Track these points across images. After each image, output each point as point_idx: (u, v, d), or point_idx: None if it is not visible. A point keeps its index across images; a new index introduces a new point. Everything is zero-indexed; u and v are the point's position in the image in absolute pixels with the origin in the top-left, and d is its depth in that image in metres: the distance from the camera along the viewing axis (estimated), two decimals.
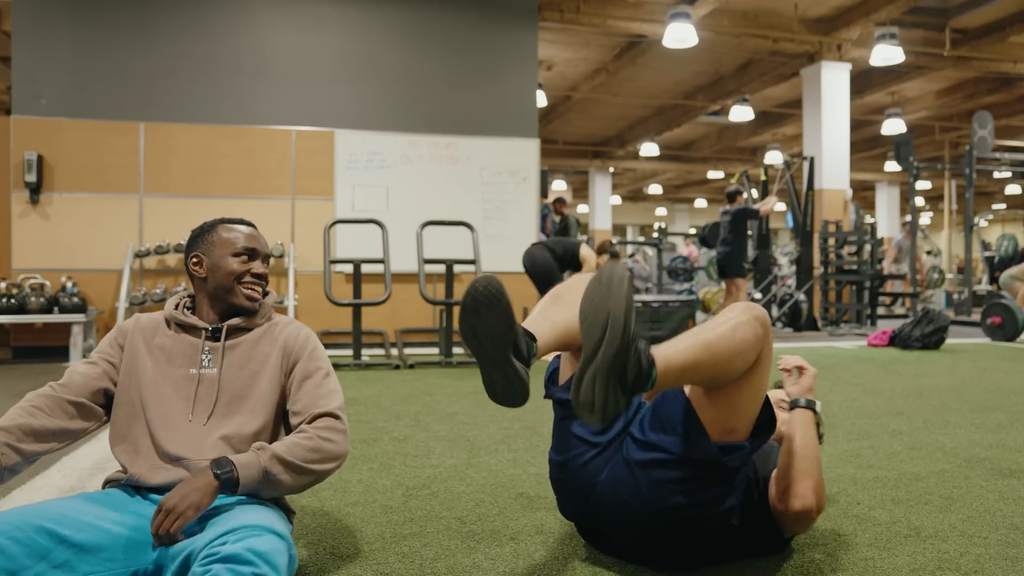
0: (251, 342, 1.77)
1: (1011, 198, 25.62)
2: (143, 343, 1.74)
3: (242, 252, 1.78)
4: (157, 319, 1.80)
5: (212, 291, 1.77)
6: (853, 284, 9.78)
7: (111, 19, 6.62)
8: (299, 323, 1.86)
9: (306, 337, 1.81)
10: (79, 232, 6.49)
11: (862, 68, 11.20)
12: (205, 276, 1.77)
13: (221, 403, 1.69)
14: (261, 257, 1.82)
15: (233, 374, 1.73)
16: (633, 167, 19.96)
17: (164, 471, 1.61)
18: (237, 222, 1.84)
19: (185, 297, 1.85)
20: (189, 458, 1.61)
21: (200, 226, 1.84)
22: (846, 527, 2.09)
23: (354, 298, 5.71)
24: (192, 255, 1.79)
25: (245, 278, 1.77)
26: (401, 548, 1.92)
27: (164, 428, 1.65)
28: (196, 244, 1.81)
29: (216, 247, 1.78)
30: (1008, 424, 3.55)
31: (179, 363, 1.72)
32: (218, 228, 1.82)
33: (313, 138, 7.05)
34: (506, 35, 7.63)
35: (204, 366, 1.73)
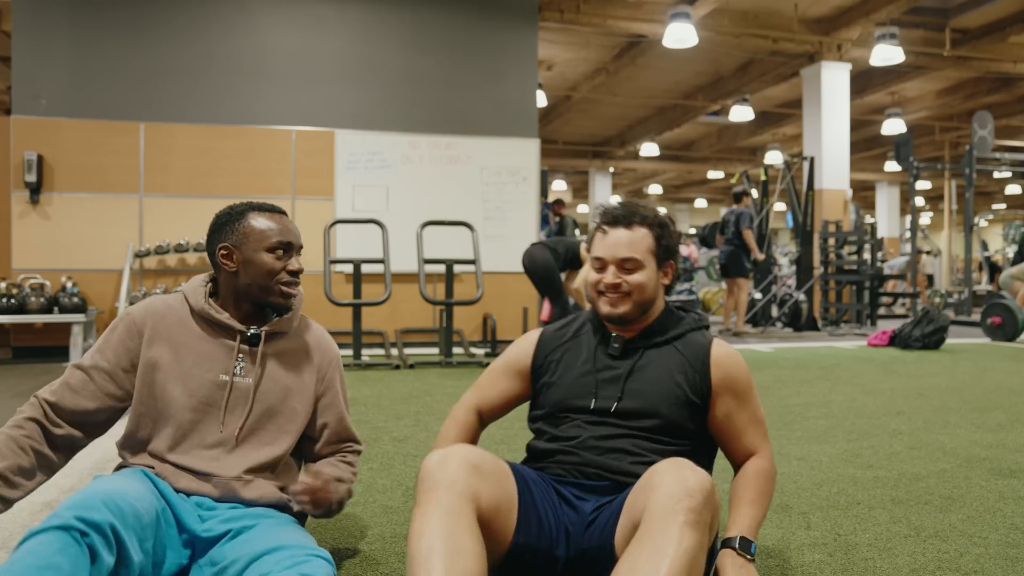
0: (287, 353, 1.68)
1: (1011, 198, 25.61)
2: (165, 340, 1.61)
3: (277, 247, 1.63)
4: (178, 309, 1.65)
5: (244, 288, 1.63)
6: (853, 284, 9.78)
7: (111, 19, 6.62)
8: (330, 338, 1.80)
9: (337, 360, 1.78)
10: (79, 232, 6.49)
11: (862, 68, 11.20)
12: (236, 270, 1.63)
13: (253, 417, 1.61)
14: (296, 250, 1.67)
15: (268, 387, 1.63)
16: (633, 167, 19.96)
17: (188, 479, 1.54)
18: (268, 208, 1.68)
19: (209, 283, 1.70)
20: (214, 473, 1.54)
21: (227, 211, 1.67)
22: (846, 527, 2.09)
23: (354, 298, 5.71)
24: (221, 246, 1.63)
25: (283, 277, 1.64)
26: (401, 548, 1.92)
27: (190, 438, 1.57)
28: (224, 233, 1.64)
29: (249, 240, 1.62)
30: (1008, 424, 3.55)
31: (208, 366, 1.60)
32: (248, 216, 1.64)
33: (313, 138, 7.05)
34: (506, 35, 7.63)
35: (237, 374, 1.61)
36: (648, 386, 1.61)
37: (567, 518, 1.51)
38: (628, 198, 1.75)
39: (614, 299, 1.62)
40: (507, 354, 1.80)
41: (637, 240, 1.62)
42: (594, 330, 1.72)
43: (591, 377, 1.63)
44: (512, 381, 1.76)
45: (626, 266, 1.61)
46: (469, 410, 1.75)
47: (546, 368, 1.71)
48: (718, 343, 1.67)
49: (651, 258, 1.63)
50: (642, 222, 1.63)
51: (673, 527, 1.23)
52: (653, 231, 1.64)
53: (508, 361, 1.78)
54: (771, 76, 11.26)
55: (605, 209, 1.67)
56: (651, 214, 1.65)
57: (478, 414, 1.76)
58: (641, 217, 1.63)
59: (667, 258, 1.66)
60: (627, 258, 1.61)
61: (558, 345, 1.72)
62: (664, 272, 1.67)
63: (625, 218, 1.63)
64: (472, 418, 1.74)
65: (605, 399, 1.61)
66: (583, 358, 1.67)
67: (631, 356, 1.65)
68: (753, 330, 8.84)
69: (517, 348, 1.79)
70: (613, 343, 1.66)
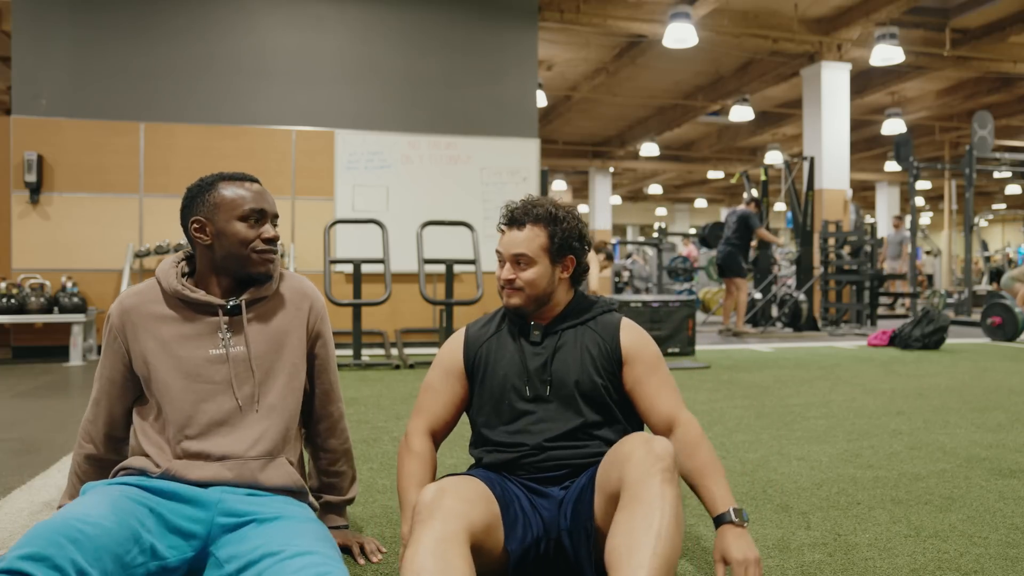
0: (271, 311, 1.66)
1: (1011, 198, 25.61)
2: (145, 330, 1.58)
3: (250, 215, 1.60)
4: (149, 295, 1.61)
5: (221, 260, 1.60)
6: (853, 284, 9.78)
7: (111, 19, 6.62)
8: (310, 285, 1.78)
9: (323, 310, 1.78)
10: (79, 232, 6.49)
11: (862, 68, 11.20)
12: (211, 243, 1.60)
13: (259, 383, 1.61)
14: (271, 218, 1.64)
15: (261, 351, 1.62)
16: (633, 167, 19.96)
17: (200, 469, 1.52)
18: (239, 177, 1.64)
19: (182, 261, 1.67)
20: (229, 455, 1.54)
21: (197, 183, 1.64)
22: (846, 527, 2.09)
23: (354, 298, 5.71)
24: (193, 219, 1.60)
25: (258, 245, 1.60)
26: (401, 548, 1.92)
27: (198, 419, 1.55)
28: (195, 206, 1.61)
29: (220, 210, 1.59)
30: (1008, 424, 3.55)
31: (195, 345, 1.58)
32: (219, 186, 1.61)
33: (313, 138, 7.05)
34: (506, 35, 7.62)
35: (228, 345, 1.59)
36: (571, 362, 1.73)
37: (539, 507, 1.63)
38: (532, 197, 1.79)
39: (509, 292, 1.74)
40: (438, 362, 1.84)
41: (529, 239, 1.72)
42: (513, 321, 1.81)
43: (521, 365, 1.74)
44: (452, 385, 1.81)
45: (519, 262, 1.72)
46: (421, 437, 1.78)
47: (478, 364, 1.78)
48: (626, 320, 1.82)
49: (543, 255, 1.72)
50: (535, 221, 1.72)
51: (655, 487, 1.41)
52: (547, 229, 1.72)
53: (442, 367, 1.83)
54: (771, 76, 11.26)
55: (506, 209, 1.76)
56: (545, 213, 1.73)
57: (430, 437, 1.80)
58: (534, 216, 1.72)
59: (564, 253, 1.74)
60: (519, 254, 1.72)
61: (484, 341, 1.80)
62: (563, 266, 1.76)
63: (519, 219, 1.73)
64: (427, 445, 1.78)
65: (537, 383, 1.73)
66: (510, 349, 1.77)
67: (552, 338, 1.76)
68: (753, 330, 8.84)
69: (446, 352, 1.84)
70: (533, 331, 1.77)
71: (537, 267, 1.72)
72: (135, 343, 1.59)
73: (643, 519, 1.37)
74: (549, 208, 1.74)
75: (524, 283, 1.72)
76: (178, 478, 1.51)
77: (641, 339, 1.79)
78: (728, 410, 3.91)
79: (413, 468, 1.73)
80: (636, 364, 1.75)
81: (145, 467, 1.53)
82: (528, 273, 1.72)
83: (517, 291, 1.73)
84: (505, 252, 1.74)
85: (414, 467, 1.73)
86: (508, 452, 1.70)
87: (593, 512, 1.55)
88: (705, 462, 1.62)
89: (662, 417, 1.72)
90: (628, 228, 30.78)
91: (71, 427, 3.47)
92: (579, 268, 1.79)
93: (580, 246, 1.77)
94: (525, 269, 1.72)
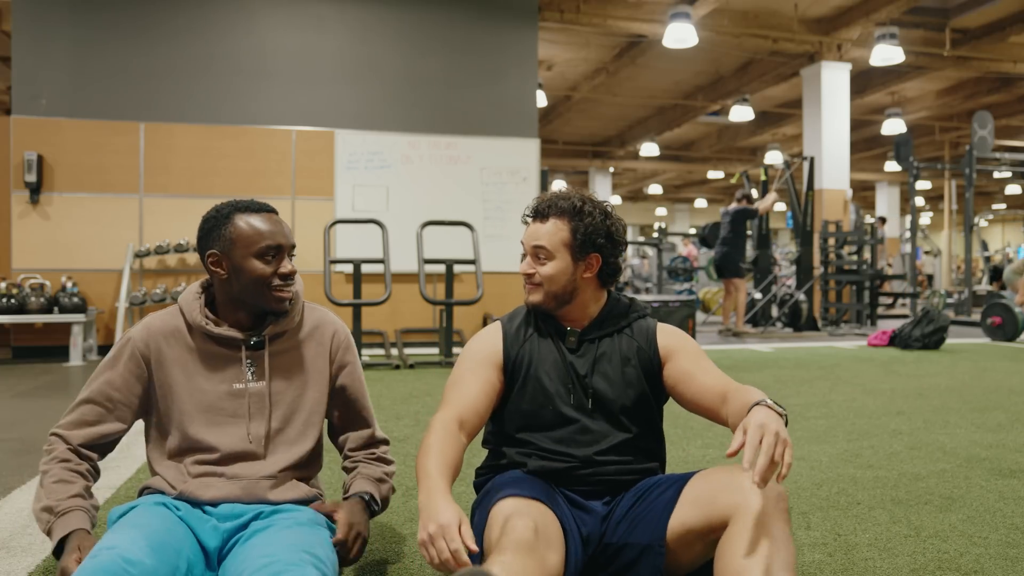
0: (294, 347, 1.66)
1: (1011, 198, 25.62)
2: (170, 359, 1.60)
3: (266, 251, 1.57)
4: (174, 325, 1.62)
5: (238, 294, 1.59)
6: (853, 284, 9.78)
7: (111, 19, 6.62)
8: (333, 317, 1.76)
9: (347, 340, 1.74)
10: (79, 232, 6.49)
11: (862, 68, 11.20)
12: (228, 277, 1.59)
13: (275, 421, 1.61)
14: (287, 251, 1.62)
15: (282, 387, 1.63)
16: (633, 167, 19.96)
17: (215, 489, 1.54)
18: (255, 208, 1.61)
19: (202, 293, 1.66)
20: (242, 476, 1.56)
21: (213, 213, 1.61)
22: (846, 527, 2.09)
23: (354, 298, 5.71)
24: (209, 253, 1.59)
25: (274, 282, 1.59)
26: (401, 548, 1.92)
27: (216, 451, 1.57)
28: (211, 239, 1.59)
29: (236, 245, 1.57)
30: (1008, 424, 3.55)
31: (219, 379, 1.60)
32: (234, 219, 1.58)
33: (313, 138, 7.05)
34: (506, 35, 7.62)
35: (249, 379, 1.60)
36: (612, 375, 1.65)
37: (580, 521, 1.55)
38: (564, 190, 1.71)
39: (529, 288, 1.67)
40: (469, 355, 1.69)
41: (551, 232, 1.64)
42: (546, 323, 1.71)
43: (565, 372, 1.65)
44: (489, 374, 1.65)
45: (539, 255, 1.64)
46: (448, 423, 1.54)
47: (519, 363, 1.67)
48: (662, 324, 1.74)
49: (564, 250, 1.63)
50: (559, 214, 1.64)
51: (780, 524, 1.39)
52: (570, 223, 1.64)
53: (475, 359, 1.67)
54: (771, 76, 11.26)
55: (533, 202, 1.69)
56: (569, 206, 1.64)
57: (461, 427, 1.55)
58: (558, 210, 1.64)
59: (587, 251, 1.64)
60: (539, 247, 1.64)
61: (524, 340, 1.70)
62: (587, 264, 1.65)
63: (543, 211, 1.66)
64: (453, 428, 1.53)
65: (580, 393, 1.64)
66: (552, 353, 1.67)
67: (590, 347, 1.67)
68: (753, 330, 8.84)
69: (483, 344, 1.71)
70: (569, 337, 1.68)
71: (556, 262, 1.63)
72: (159, 370, 1.60)
73: (777, 553, 1.34)
74: (575, 201, 1.65)
75: (543, 278, 1.63)
76: (192, 499, 1.53)
77: (679, 336, 1.72)
78: None
79: (434, 441, 1.47)
80: (678, 357, 1.66)
81: (163, 488, 1.57)
82: (547, 268, 1.63)
83: (536, 287, 1.65)
84: (527, 244, 1.67)
85: (435, 440, 1.47)
86: (557, 461, 1.61)
87: (666, 530, 1.47)
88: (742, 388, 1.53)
89: (716, 394, 1.57)
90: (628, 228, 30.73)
91: None
92: (606, 268, 1.68)
93: (607, 244, 1.65)
94: (544, 263, 1.63)
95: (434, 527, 1.25)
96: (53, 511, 1.47)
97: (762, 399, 1.43)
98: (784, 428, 1.37)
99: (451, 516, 1.26)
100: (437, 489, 1.34)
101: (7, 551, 1.91)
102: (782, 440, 1.34)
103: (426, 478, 1.38)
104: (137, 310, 6.56)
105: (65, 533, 1.44)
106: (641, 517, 1.52)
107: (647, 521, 1.50)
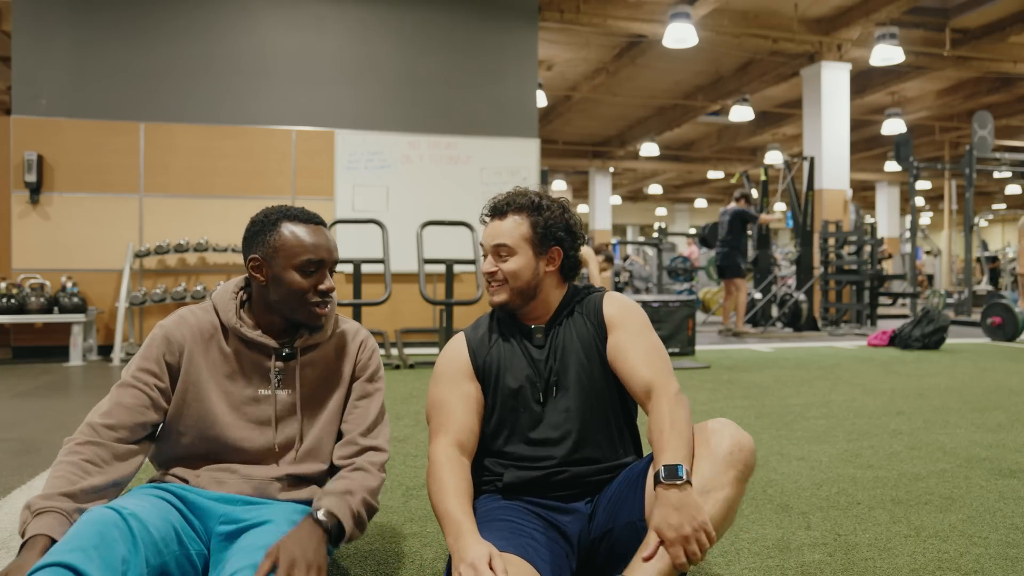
0: (324, 359, 1.63)
1: (1011, 198, 25.62)
2: (201, 355, 1.57)
3: (308, 265, 1.55)
4: (209, 323, 1.60)
5: (274, 302, 1.57)
6: (853, 284, 9.78)
7: (111, 19, 6.61)
8: (368, 334, 1.73)
9: (372, 352, 1.70)
10: (79, 232, 6.49)
11: (862, 68, 11.20)
12: (266, 284, 1.56)
13: (296, 427, 1.58)
14: (329, 267, 1.59)
15: (308, 396, 1.61)
16: (633, 167, 19.96)
17: (230, 484, 1.53)
18: (304, 220, 1.57)
19: (240, 291, 1.63)
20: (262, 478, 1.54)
21: (261, 216, 1.58)
22: (846, 527, 2.09)
23: (354, 298, 5.71)
24: (251, 257, 1.56)
25: (312, 297, 1.56)
26: (401, 548, 1.92)
27: (238, 453, 1.55)
28: (256, 243, 1.56)
29: (279, 255, 1.54)
30: (1008, 424, 3.55)
31: (246, 382, 1.58)
32: (281, 227, 1.55)
33: (313, 138, 7.05)
34: (506, 35, 7.62)
35: (276, 387, 1.58)
36: (571, 356, 1.64)
37: (562, 525, 1.54)
38: (519, 188, 1.71)
39: (494, 287, 1.65)
40: (442, 374, 1.68)
41: (511, 228, 1.64)
42: (510, 328, 1.70)
43: (531, 368, 1.64)
44: (467, 389, 1.64)
45: (500, 253, 1.64)
46: (448, 450, 1.55)
47: (488, 371, 1.66)
48: (612, 294, 1.72)
49: (525, 245, 1.63)
50: (518, 210, 1.64)
51: (728, 477, 1.40)
52: (529, 218, 1.64)
53: (449, 376, 1.66)
54: (771, 76, 11.26)
55: (491, 201, 1.68)
56: (527, 201, 1.65)
57: (462, 451, 1.57)
58: (517, 206, 1.64)
59: (548, 244, 1.65)
60: (499, 244, 1.63)
61: (490, 347, 1.68)
62: (549, 258, 1.66)
63: (501, 209, 1.66)
64: (455, 454, 1.55)
65: (550, 385, 1.63)
66: (517, 353, 1.66)
67: (552, 338, 1.67)
68: (753, 330, 8.84)
69: (451, 359, 1.69)
70: (535, 334, 1.68)
71: (518, 257, 1.62)
72: (188, 364, 1.56)
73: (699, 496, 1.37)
74: (532, 197, 1.66)
75: (507, 274, 1.63)
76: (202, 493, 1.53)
77: (624, 306, 1.68)
78: (728, 410, 3.91)
79: (444, 475, 1.49)
80: (618, 330, 1.64)
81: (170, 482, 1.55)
82: (510, 264, 1.62)
83: (501, 285, 1.64)
84: (487, 244, 1.66)
85: (445, 474, 1.49)
86: (533, 470, 1.59)
87: (644, 503, 1.46)
88: (666, 419, 1.47)
89: (643, 384, 1.56)
90: (628, 228, 30.78)
91: (71, 427, 3.46)
92: (567, 262, 1.69)
93: (567, 237, 1.66)
94: (506, 259, 1.63)
95: (464, 567, 1.28)
96: (31, 509, 1.35)
97: (659, 470, 1.37)
98: (700, 513, 1.32)
99: (480, 553, 1.29)
100: (462, 530, 1.36)
101: (7, 551, 1.91)
102: (694, 540, 1.29)
103: (449, 521, 1.40)
104: (137, 310, 6.56)
105: (30, 536, 1.30)
106: (619, 501, 1.52)
107: (625, 503, 1.50)
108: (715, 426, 1.48)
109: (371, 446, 1.61)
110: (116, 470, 1.46)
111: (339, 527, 1.43)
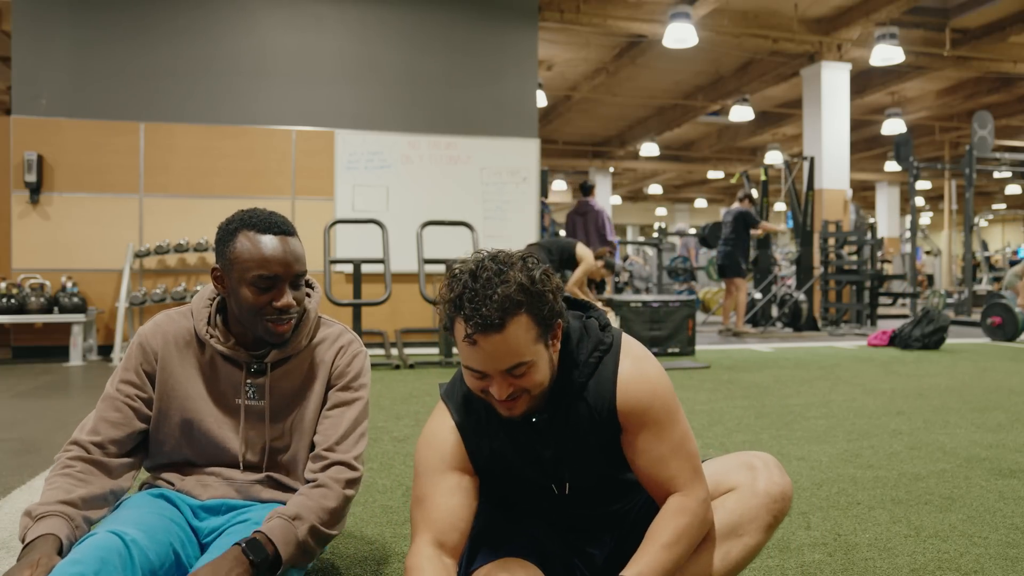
0: (299, 368, 1.56)
1: (1011, 198, 25.61)
2: (177, 362, 1.53)
3: (259, 281, 1.43)
4: (186, 330, 1.55)
5: (237, 314, 1.50)
6: (853, 284, 9.78)
7: (111, 19, 6.61)
8: (353, 338, 1.63)
9: (352, 358, 1.59)
10: (79, 232, 6.49)
11: (862, 68, 11.20)
12: (228, 295, 1.50)
13: (271, 436, 1.55)
14: (289, 280, 1.47)
15: (280, 406, 1.55)
16: (633, 167, 19.96)
17: (214, 488, 1.53)
18: (263, 229, 1.45)
19: (214, 300, 1.56)
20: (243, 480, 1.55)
21: (225, 224, 1.49)
22: (846, 527, 2.09)
23: (354, 298, 5.71)
24: (214, 266, 1.50)
25: (268, 312, 1.46)
26: (401, 548, 1.92)
27: (214, 461, 1.55)
28: (218, 252, 1.49)
29: (234, 267, 1.45)
30: (1008, 424, 3.55)
31: (220, 391, 1.54)
32: (238, 237, 1.45)
33: (313, 138, 7.05)
34: (506, 35, 7.62)
35: (249, 398, 1.54)
36: (577, 457, 1.40)
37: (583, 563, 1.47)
38: (481, 270, 1.24)
39: (510, 405, 1.30)
40: (427, 464, 1.38)
41: (518, 340, 1.24)
42: None
43: (535, 460, 1.40)
44: (457, 479, 1.36)
45: (515, 372, 1.27)
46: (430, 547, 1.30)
47: (484, 459, 1.40)
48: (624, 369, 1.37)
49: (538, 347, 1.27)
50: (514, 311, 1.22)
51: (762, 523, 1.33)
52: (529, 313, 1.25)
53: (437, 468, 1.37)
54: (771, 76, 11.26)
55: (469, 312, 1.22)
56: (516, 292, 1.22)
57: (442, 549, 1.30)
58: (514, 304, 1.22)
59: (552, 324, 1.29)
60: (514, 366, 1.26)
61: (486, 431, 1.39)
62: (554, 336, 1.32)
63: (498, 320, 1.21)
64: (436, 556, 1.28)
65: (555, 479, 1.42)
66: (516, 439, 1.39)
67: (552, 424, 1.38)
68: (753, 330, 8.84)
69: (439, 450, 1.39)
70: (536, 421, 1.37)
71: (537, 365, 1.28)
72: (163, 371, 1.53)
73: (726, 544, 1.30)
74: (519, 281, 1.23)
75: (528, 386, 1.29)
76: (190, 496, 1.54)
77: (643, 394, 1.36)
78: (728, 410, 3.91)
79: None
80: (637, 429, 1.36)
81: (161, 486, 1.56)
82: (533, 377, 1.28)
83: (521, 398, 1.30)
84: (492, 369, 1.26)
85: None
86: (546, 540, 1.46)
87: None
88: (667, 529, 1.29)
89: (663, 490, 1.36)
90: (628, 228, 30.78)
91: (71, 427, 3.46)
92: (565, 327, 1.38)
93: (558, 300, 1.31)
94: (524, 375, 1.27)
95: None
96: (31, 515, 1.33)
97: None
98: None
99: None
100: None
101: (7, 551, 1.91)
102: None
103: None
104: (137, 310, 6.56)
105: (33, 538, 1.27)
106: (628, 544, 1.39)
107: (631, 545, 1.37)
108: (758, 462, 1.39)
109: (338, 461, 1.50)
110: (110, 483, 1.45)
111: (275, 555, 1.32)
